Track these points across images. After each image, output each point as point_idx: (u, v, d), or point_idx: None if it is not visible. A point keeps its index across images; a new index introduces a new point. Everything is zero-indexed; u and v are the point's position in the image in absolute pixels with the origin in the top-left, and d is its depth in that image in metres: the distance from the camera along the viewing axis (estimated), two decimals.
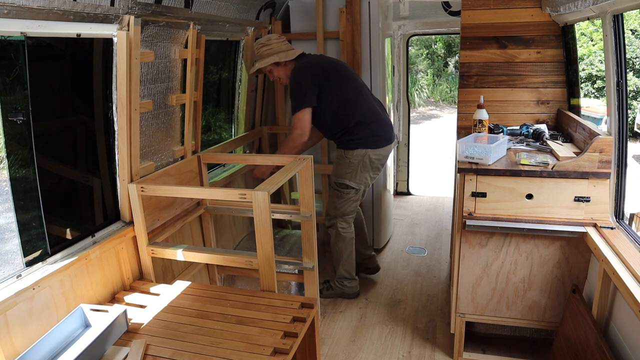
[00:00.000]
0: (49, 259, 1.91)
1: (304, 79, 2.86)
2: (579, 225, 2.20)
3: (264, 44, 2.90)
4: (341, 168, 2.97)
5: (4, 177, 1.78)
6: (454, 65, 15.24)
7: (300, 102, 2.84)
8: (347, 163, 2.94)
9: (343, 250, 3.13)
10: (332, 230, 3.11)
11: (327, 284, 3.26)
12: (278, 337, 1.81)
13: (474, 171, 2.30)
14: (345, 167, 2.95)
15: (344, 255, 3.15)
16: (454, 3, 4.23)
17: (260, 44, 2.91)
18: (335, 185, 3.01)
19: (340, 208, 3.04)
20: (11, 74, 1.75)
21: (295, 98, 2.86)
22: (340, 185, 3.00)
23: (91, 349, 1.67)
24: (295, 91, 2.86)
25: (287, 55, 2.90)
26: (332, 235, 3.12)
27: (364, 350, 2.71)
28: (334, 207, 3.06)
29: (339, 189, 3.01)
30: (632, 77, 8.51)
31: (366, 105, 2.95)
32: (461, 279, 2.45)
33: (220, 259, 2.30)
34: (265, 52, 2.89)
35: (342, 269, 3.19)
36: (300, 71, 2.89)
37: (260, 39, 2.94)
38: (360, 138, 2.91)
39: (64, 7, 1.65)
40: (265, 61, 2.89)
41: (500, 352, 2.60)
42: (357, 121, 2.90)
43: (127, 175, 2.26)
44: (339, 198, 3.03)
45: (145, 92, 2.30)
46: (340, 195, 3.02)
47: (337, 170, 3.00)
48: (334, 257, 3.18)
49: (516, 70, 2.98)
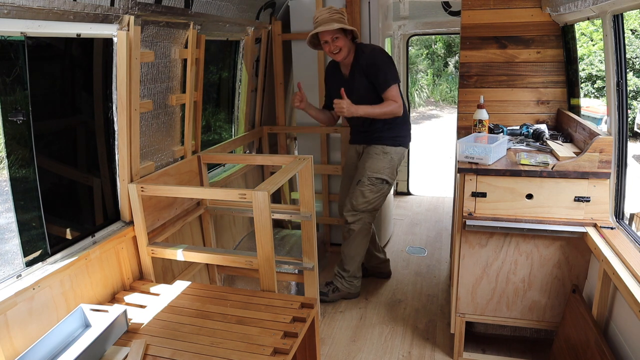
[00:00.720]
0: (49, 259, 1.91)
1: (388, 58, 2.85)
2: (579, 225, 2.20)
3: (339, 11, 2.78)
4: (380, 163, 2.95)
5: (4, 177, 1.78)
6: (454, 65, 15.24)
7: (395, 76, 2.82)
8: (389, 159, 2.96)
9: (361, 246, 3.10)
10: (355, 225, 3.03)
11: (331, 286, 3.19)
12: (278, 337, 1.81)
13: (474, 171, 2.30)
14: (386, 162, 2.96)
15: (361, 252, 3.12)
16: (454, 3, 4.24)
17: (334, 11, 2.76)
18: (371, 180, 2.96)
19: (373, 202, 3.01)
20: (11, 74, 1.75)
21: (389, 71, 2.81)
22: (376, 180, 2.96)
23: (91, 349, 1.67)
24: (387, 65, 2.81)
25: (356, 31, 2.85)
26: (355, 230, 3.03)
27: (364, 350, 2.71)
28: (366, 201, 2.99)
29: (375, 183, 2.97)
30: (632, 77, 8.51)
31: (405, 104, 2.99)
32: (461, 279, 2.45)
33: (220, 259, 2.30)
34: (340, 19, 2.77)
35: (355, 267, 3.14)
36: (382, 50, 2.89)
37: (327, 7, 2.83)
38: (404, 136, 3.00)
39: (64, 7, 1.65)
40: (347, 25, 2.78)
41: (500, 352, 2.60)
42: (404, 118, 2.95)
43: (127, 175, 2.26)
44: (374, 192, 2.98)
45: (145, 92, 2.30)
46: (375, 190, 2.98)
47: (374, 165, 2.95)
48: (349, 253, 3.10)
49: (516, 70, 2.98)
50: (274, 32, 3.57)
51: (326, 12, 2.75)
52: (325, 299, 3.14)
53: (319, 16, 2.76)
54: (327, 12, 2.75)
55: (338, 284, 3.18)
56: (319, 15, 2.76)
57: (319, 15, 2.76)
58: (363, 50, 2.86)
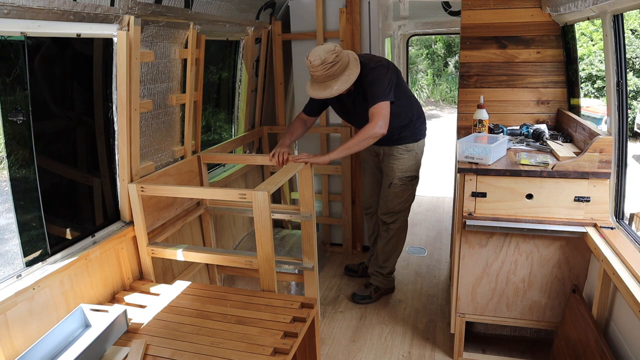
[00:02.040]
0: (49, 259, 1.91)
1: (384, 75, 2.61)
2: (579, 225, 2.20)
3: (333, 61, 2.45)
4: (407, 162, 2.94)
5: (4, 177, 1.79)
6: (454, 65, 15.24)
7: (385, 93, 2.56)
8: (414, 155, 2.95)
9: (400, 243, 3.14)
10: (394, 224, 3.06)
11: (371, 287, 3.20)
12: (278, 337, 1.81)
13: (474, 171, 2.30)
14: (412, 159, 2.96)
15: (400, 249, 3.17)
16: (454, 3, 4.23)
17: (328, 64, 2.44)
18: (402, 181, 2.97)
19: (409, 200, 3.04)
20: (11, 74, 1.75)
21: (379, 86, 2.57)
22: (407, 179, 2.98)
23: (91, 349, 1.67)
24: (378, 83, 2.58)
25: (356, 61, 2.61)
26: (394, 229, 3.07)
27: (364, 350, 2.71)
28: (401, 201, 3.01)
29: (406, 182, 2.98)
30: (632, 77, 8.51)
31: (416, 98, 3.00)
32: (461, 279, 2.45)
33: (220, 259, 2.31)
34: (337, 71, 2.50)
35: (393, 263, 3.20)
36: (380, 68, 2.63)
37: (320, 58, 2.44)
38: (421, 130, 2.99)
39: (64, 7, 1.65)
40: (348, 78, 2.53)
41: (500, 352, 2.60)
42: (418, 114, 2.94)
43: (127, 175, 2.26)
44: (407, 191, 3.01)
45: (145, 92, 2.30)
46: (408, 188, 3.00)
47: (402, 165, 2.94)
48: (387, 252, 3.14)
49: (516, 70, 2.98)
50: (274, 32, 3.57)
51: (320, 69, 2.45)
52: (370, 302, 3.17)
53: (313, 72, 2.50)
54: (321, 68, 2.45)
55: (377, 283, 3.20)
56: (313, 72, 2.49)
57: (314, 72, 2.49)
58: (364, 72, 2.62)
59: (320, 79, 2.51)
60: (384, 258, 3.16)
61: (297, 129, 2.86)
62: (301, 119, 2.89)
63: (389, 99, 2.57)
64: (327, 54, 2.44)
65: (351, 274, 3.53)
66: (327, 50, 2.46)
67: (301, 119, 2.89)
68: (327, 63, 2.44)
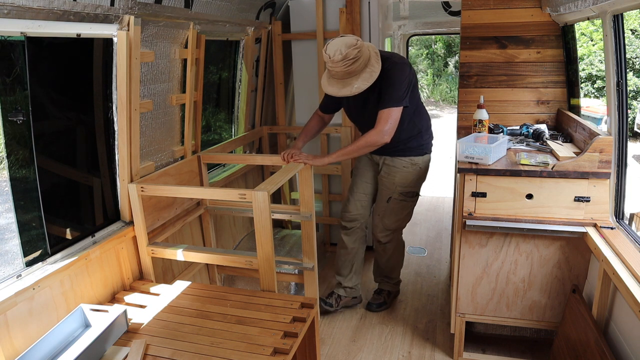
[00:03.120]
0: (49, 259, 1.91)
1: (405, 77, 2.44)
2: (579, 225, 2.20)
3: (355, 57, 2.28)
4: (410, 176, 2.73)
5: (4, 177, 1.79)
6: (454, 65, 15.24)
7: (400, 98, 2.41)
8: (417, 170, 2.74)
9: (400, 257, 3.09)
10: (390, 245, 2.92)
11: (384, 293, 3.14)
12: (278, 337, 1.81)
13: (474, 171, 2.30)
14: (415, 174, 2.74)
15: (401, 261, 3.12)
16: (454, 3, 4.23)
17: (349, 59, 2.28)
18: (403, 196, 2.77)
19: (405, 220, 2.88)
20: (11, 74, 1.75)
21: (397, 88, 2.41)
22: (408, 194, 2.78)
23: (91, 349, 1.67)
24: (397, 84, 2.42)
25: (377, 55, 2.43)
26: (391, 248, 2.94)
27: (364, 350, 2.71)
28: (398, 219, 2.84)
29: (407, 198, 2.78)
30: (632, 77, 8.51)
31: (425, 109, 2.81)
32: (461, 279, 2.45)
33: (220, 259, 2.31)
34: (359, 67, 2.34)
35: (399, 272, 3.16)
36: (403, 66, 2.47)
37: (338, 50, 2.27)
38: (429, 143, 2.79)
39: (64, 7, 1.65)
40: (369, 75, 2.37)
41: (500, 352, 2.60)
42: (427, 126, 2.75)
43: (127, 175, 2.26)
44: (406, 208, 2.82)
45: (145, 92, 2.30)
46: (406, 206, 2.81)
47: (405, 180, 2.73)
48: (392, 265, 3.06)
49: (516, 70, 2.98)
50: (274, 32, 3.57)
51: (341, 65, 2.29)
52: (386, 307, 3.12)
53: (332, 68, 2.34)
54: (341, 64, 2.28)
55: (389, 288, 3.15)
56: (332, 67, 2.33)
57: (333, 67, 2.33)
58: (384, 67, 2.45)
59: (339, 75, 2.35)
60: (388, 270, 3.11)
61: (313, 127, 2.79)
62: (318, 115, 2.81)
63: (403, 104, 2.43)
64: (348, 49, 2.26)
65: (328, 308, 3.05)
66: (349, 44, 2.28)
67: (318, 116, 2.81)
68: (349, 59, 2.27)
